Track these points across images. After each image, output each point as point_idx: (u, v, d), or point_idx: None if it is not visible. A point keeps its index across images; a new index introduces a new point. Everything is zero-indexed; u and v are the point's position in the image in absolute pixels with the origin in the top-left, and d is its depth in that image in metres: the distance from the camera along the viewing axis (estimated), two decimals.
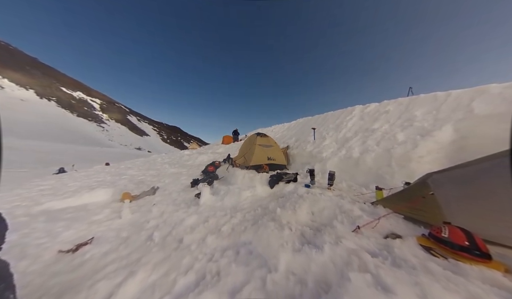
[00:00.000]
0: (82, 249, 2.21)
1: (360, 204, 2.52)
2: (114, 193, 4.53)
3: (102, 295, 1.47)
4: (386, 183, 3.19)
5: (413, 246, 1.51)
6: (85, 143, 46.18)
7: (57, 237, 2.53)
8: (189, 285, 1.52)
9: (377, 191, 2.73)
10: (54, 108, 76.47)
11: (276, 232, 2.01)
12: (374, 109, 5.93)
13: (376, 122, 5.21)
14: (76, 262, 1.96)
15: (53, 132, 46.84)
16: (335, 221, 2.06)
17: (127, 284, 1.56)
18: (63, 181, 6.56)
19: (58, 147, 24.57)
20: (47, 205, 3.79)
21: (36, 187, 5.43)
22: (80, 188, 5.34)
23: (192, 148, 16.78)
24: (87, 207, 3.83)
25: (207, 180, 4.89)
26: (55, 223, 3.07)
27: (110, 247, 2.24)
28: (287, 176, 4.14)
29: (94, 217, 3.26)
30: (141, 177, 6.39)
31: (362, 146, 4.52)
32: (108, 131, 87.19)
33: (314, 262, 1.45)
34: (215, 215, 2.81)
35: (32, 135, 34.96)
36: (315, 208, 2.52)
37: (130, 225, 2.86)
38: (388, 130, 4.55)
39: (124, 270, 1.77)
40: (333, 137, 5.78)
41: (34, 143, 23.75)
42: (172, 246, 2.13)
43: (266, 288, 1.35)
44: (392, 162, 3.62)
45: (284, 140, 8.25)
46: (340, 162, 4.48)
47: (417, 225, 1.89)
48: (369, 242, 1.61)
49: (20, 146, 19.53)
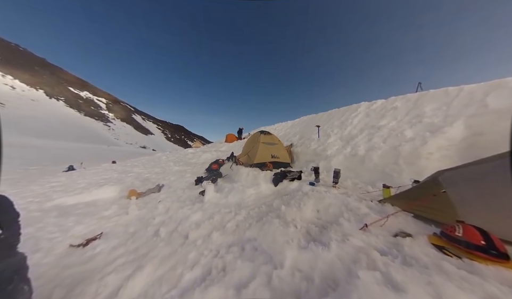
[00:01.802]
0: (92, 244, 2.28)
1: (366, 202, 2.47)
2: (121, 190, 4.64)
3: (112, 287, 1.51)
4: (394, 181, 3.12)
5: (424, 245, 1.47)
6: (93, 141, 47.37)
7: (68, 232, 2.62)
8: (196, 279, 1.53)
9: (384, 189, 2.67)
10: (62, 108, 78.71)
11: (281, 229, 2.00)
12: (381, 106, 5.78)
13: (382, 118, 5.08)
14: (86, 256, 2.02)
15: (62, 131, 48.28)
16: (341, 219, 2.03)
17: (135, 277, 1.59)
18: (72, 178, 6.76)
19: (67, 145, 25.32)
20: (58, 201, 3.92)
21: (48, 184, 5.62)
22: (89, 184, 5.48)
23: (195, 146, 16.92)
24: (96, 203, 3.94)
25: (211, 177, 4.92)
26: (66, 218, 3.17)
27: (119, 242, 2.30)
28: (291, 174, 4.11)
29: (103, 213, 3.35)
30: (147, 175, 6.50)
31: (368, 143, 4.43)
32: (114, 130, 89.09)
33: (321, 259, 1.44)
34: (220, 212, 2.82)
35: (42, 134, 36.17)
36: (320, 206, 2.50)
37: (137, 221, 2.92)
38: (396, 126, 4.43)
39: (132, 263, 1.81)
40: (338, 135, 5.68)
41: (45, 142, 24.56)
42: (178, 242, 2.16)
43: (272, 284, 1.35)
44: (400, 159, 3.52)
45: (288, 138, 8.18)
46: (345, 160, 4.40)
47: (428, 223, 1.84)
48: (377, 240, 1.58)
49: (31, 144, 20.25)
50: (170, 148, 74.47)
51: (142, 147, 78.07)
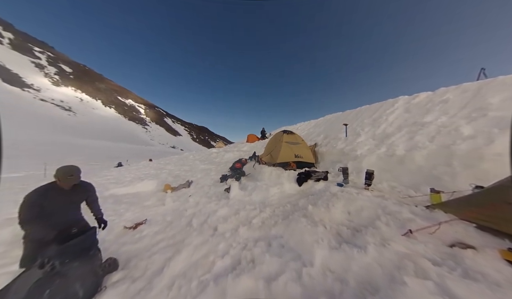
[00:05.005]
0: (139, 227, 2.67)
1: (409, 206, 2.17)
2: (158, 184, 5.27)
3: (158, 265, 1.74)
4: (445, 186, 2.65)
5: (493, 260, 1.21)
6: (134, 142, 55.30)
7: (121, 216, 3.14)
8: (226, 267, 1.63)
9: (433, 194, 2.30)
10: (113, 114, 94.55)
11: (309, 228, 1.94)
12: (425, 99, 4.99)
13: (428, 114, 4.38)
14: (136, 237, 2.38)
15: (112, 133, 58.10)
16: (378, 222, 1.84)
17: (175, 259, 1.80)
18: (121, 172, 8.04)
19: (115, 145, 30.25)
20: (112, 191, 4.72)
21: (105, 177, 6.84)
22: (133, 178, 6.42)
23: (218, 146, 17.83)
24: (139, 194, 4.58)
25: (235, 176, 5.11)
26: (119, 205, 3.79)
27: (159, 228, 2.62)
28: (317, 175, 3.94)
29: (144, 203, 3.88)
30: (177, 172, 7.20)
31: (409, 142, 3.88)
32: (150, 132, 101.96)
33: (356, 262, 1.34)
34: (245, 209, 2.91)
35: (98, 136, 44.24)
36: (351, 208, 2.32)
37: (172, 212, 3.27)
38: (447, 122, 3.75)
39: (172, 247, 2.05)
40: (369, 133, 5.16)
41: (100, 143, 29.92)
42: (208, 232, 2.33)
43: (302, 281, 1.33)
44: (453, 160, 2.97)
45: (311, 138, 7.84)
46: (379, 160, 3.96)
47: (499, 237, 1.50)
48: (426, 249, 1.37)
49: (91, 145, 24.96)
50: (195, 148, 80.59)
51: (172, 147, 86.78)
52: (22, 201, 1.42)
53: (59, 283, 1.21)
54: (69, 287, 1.24)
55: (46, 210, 1.42)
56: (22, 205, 1.40)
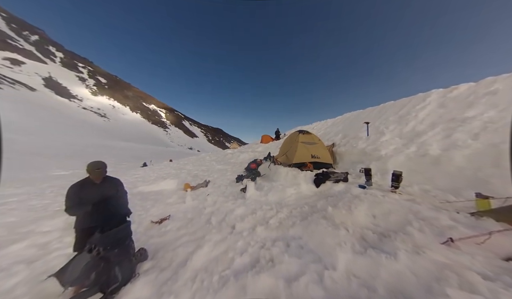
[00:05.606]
0: (164, 222, 2.88)
1: (449, 212, 1.92)
2: (178, 183, 5.62)
3: (182, 257, 1.86)
4: (493, 190, 2.28)
5: None
6: (156, 144, 60.10)
7: (148, 211, 3.43)
8: (245, 265, 1.66)
9: (479, 200, 1.99)
10: (139, 119, 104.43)
11: (330, 230, 1.86)
12: (466, 92, 4.37)
13: (470, 108, 3.82)
14: (162, 231, 2.58)
15: (138, 136, 64.29)
16: (409, 228, 1.67)
17: (197, 254, 1.89)
18: (146, 172, 8.78)
19: (140, 147, 33.24)
20: (140, 188, 5.19)
21: (133, 175, 7.56)
22: (157, 177, 6.96)
23: (233, 147, 18.21)
24: (162, 192, 4.94)
25: (251, 176, 5.16)
26: (145, 201, 4.15)
27: (181, 224, 2.79)
28: (336, 176, 3.75)
29: (167, 200, 4.17)
30: (196, 172, 7.57)
31: (445, 140, 3.44)
32: (170, 134, 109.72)
33: (385, 269, 1.24)
34: (262, 209, 2.92)
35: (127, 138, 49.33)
36: (377, 211, 2.15)
37: (192, 209, 3.44)
38: (496, 117, 3.23)
39: (194, 243, 2.16)
40: (395, 131, 4.72)
41: (128, 144, 33.20)
42: (226, 230, 2.39)
43: (324, 284, 1.28)
44: (503, 161, 2.54)
45: (328, 137, 7.50)
46: (408, 161, 3.59)
47: None
48: (473, 261, 1.20)
49: (121, 146, 27.87)
50: (210, 149, 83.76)
51: (189, 148, 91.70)
52: (66, 193, 1.67)
53: (103, 267, 1.39)
54: (110, 270, 1.42)
55: (83, 201, 1.64)
56: (66, 196, 1.65)
